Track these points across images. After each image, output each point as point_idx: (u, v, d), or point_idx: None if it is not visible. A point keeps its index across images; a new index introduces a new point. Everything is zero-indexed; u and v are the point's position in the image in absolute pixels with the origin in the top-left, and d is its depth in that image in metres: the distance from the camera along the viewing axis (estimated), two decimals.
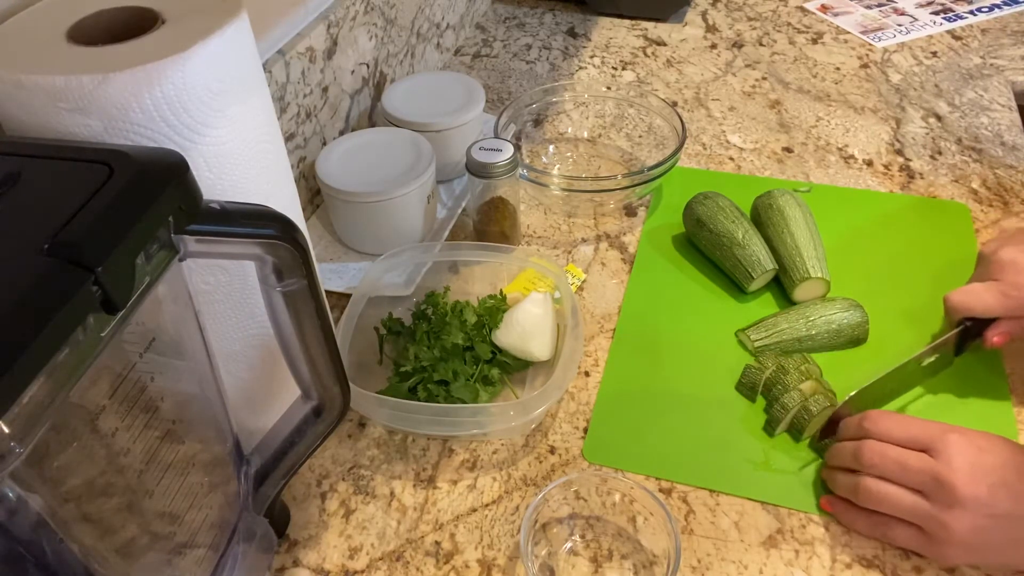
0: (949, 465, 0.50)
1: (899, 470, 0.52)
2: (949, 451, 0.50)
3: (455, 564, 0.55)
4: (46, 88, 0.38)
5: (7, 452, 0.29)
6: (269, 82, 0.71)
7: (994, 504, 0.49)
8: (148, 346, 0.38)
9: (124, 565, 0.39)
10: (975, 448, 0.51)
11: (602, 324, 0.72)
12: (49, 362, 0.29)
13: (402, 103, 0.84)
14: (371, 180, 0.74)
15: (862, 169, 0.88)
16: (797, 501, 0.57)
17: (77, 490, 0.36)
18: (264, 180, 0.49)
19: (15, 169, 0.34)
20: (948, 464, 0.50)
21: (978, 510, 0.49)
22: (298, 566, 0.56)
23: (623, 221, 0.83)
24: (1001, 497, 0.49)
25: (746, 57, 1.11)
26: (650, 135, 0.90)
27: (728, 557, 0.54)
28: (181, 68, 0.40)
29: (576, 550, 0.55)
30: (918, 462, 0.51)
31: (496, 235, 0.78)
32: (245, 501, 0.50)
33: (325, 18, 0.80)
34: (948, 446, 0.51)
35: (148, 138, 0.41)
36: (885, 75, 1.05)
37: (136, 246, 0.33)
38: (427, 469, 0.61)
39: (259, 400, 0.56)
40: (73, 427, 0.34)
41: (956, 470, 0.49)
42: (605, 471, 0.60)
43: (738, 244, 0.72)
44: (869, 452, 0.53)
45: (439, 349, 0.65)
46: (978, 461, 0.50)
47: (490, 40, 1.19)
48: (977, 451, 0.50)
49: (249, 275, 0.48)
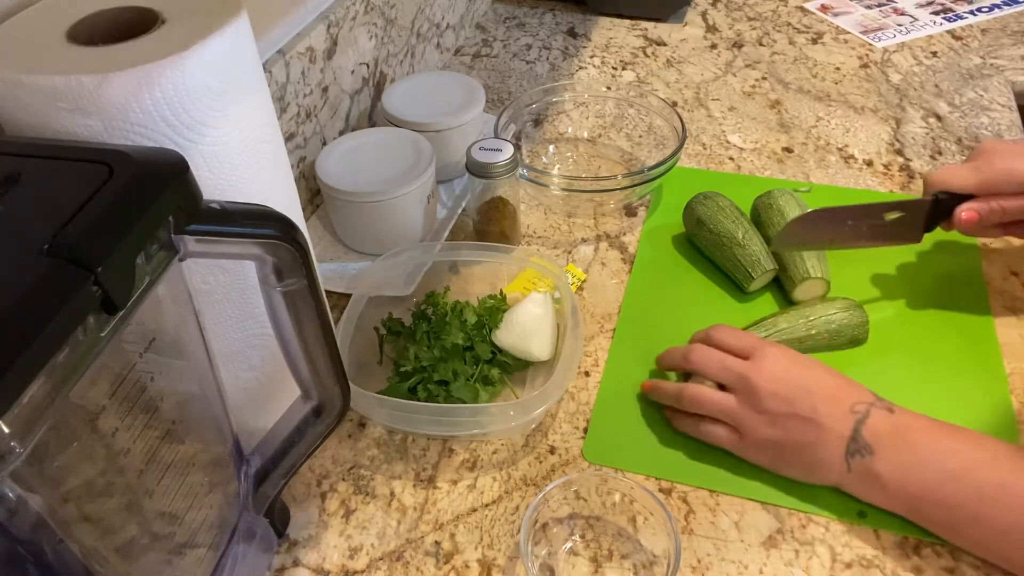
0: (760, 368, 0.56)
1: (718, 368, 0.58)
2: (764, 358, 0.57)
3: (455, 564, 0.55)
4: (46, 88, 0.38)
5: (7, 452, 0.29)
6: (269, 82, 0.71)
7: (791, 405, 0.54)
8: (148, 346, 0.38)
9: (124, 565, 0.39)
10: (788, 359, 0.57)
11: (602, 324, 0.72)
12: (49, 362, 0.29)
13: (402, 103, 0.84)
14: (371, 180, 0.74)
15: (862, 169, 0.88)
16: (797, 501, 0.57)
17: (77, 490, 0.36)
18: (264, 180, 0.49)
19: (15, 169, 0.34)
20: (759, 367, 0.56)
21: (775, 408, 0.55)
22: (298, 566, 0.56)
23: (623, 221, 0.83)
24: (799, 400, 0.54)
25: (746, 57, 1.11)
26: (650, 135, 0.90)
27: (728, 557, 0.54)
28: (181, 68, 0.40)
29: (576, 550, 0.55)
30: (734, 363, 0.58)
31: (496, 235, 0.78)
32: (245, 501, 0.50)
33: (325, 18, 0.80)
34: (765, 355, 0.57)
35: (148, 138, 0.41)
36: (885, 75, 1.05)
37: (136, 246, 0.33)
38: (427, 469, 0.61)
39: (259, 400, 0.56)
40: (73, 427, 0.34)
41: (764, 373, 0.56)
42: (605, 471, 0.60)
43: (738, 244, 0.72)
44: (696, 352, 0.60)
45: (439, 349, 0.65)
46: (786, 369, 0.56)
47: (490, 40, 1.19)
48: (789, 361, 0.57)
49: (249, 275, 0.48)
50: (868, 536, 0.55)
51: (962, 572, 0.53)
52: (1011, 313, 0.70)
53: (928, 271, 0.74)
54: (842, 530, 0.55)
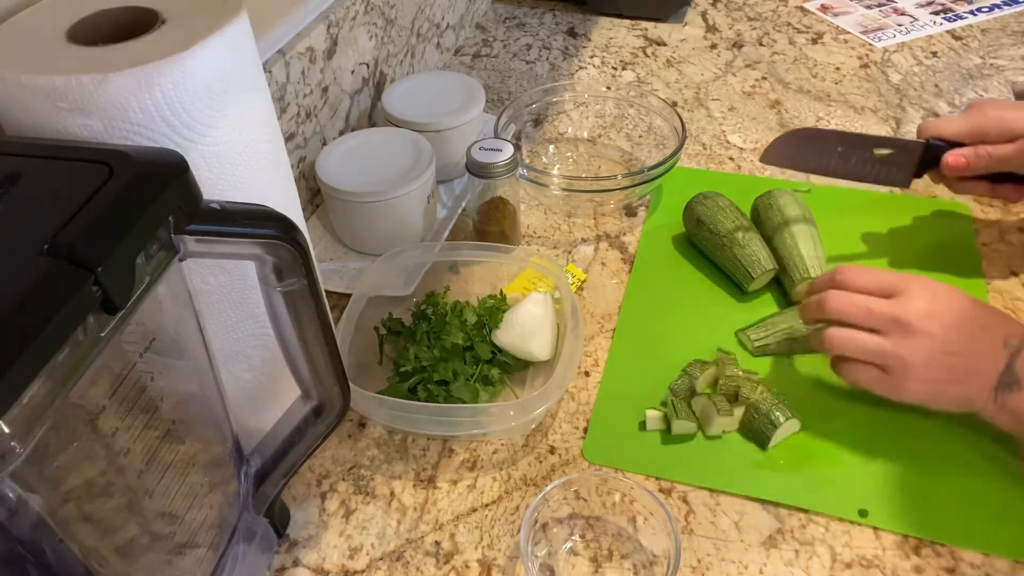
0: (907, 306, 0.55)
1: (863, 313, 0.57)
2: (909, 294, 0.56)
3: (455, 564, 0.55)
4: (46, 88, 0.38)
5: (7, 452, 0.29)
6: (269, 82, 0.71)
7: (946, 342, 0.54)
8: (148, 346, 0.38)
9: (124, 565, 0.39)
10: (931, 292, 0.56)
11: (602, 324, 0.72)
12: (49, 362, 0.29)
13: (402, 103, 0.84)
14: (371, 180, 0.74)
15: None
16: (797, 501, 0.57)
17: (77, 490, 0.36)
18: (264, 180, 0.49)
19: (15, 169, 0.34)
20: (906, 305, 0.55)
21: (931, 346, 0.54)
22: (298, 566, 0.56)
23: (623, 221, 0.83)
24: (952, 336, 0.54)
25: (746, 57, 1.11)
26: (650, 135, 0.90)
27: (728, 557, 0.54)
28: (181, 68, 0.40)
29: (576, 550, 0.55)
30: (878, 304, 0.56)
31: (496, 235, 0.78)
32: (245, 501, 0.50)
33: (325, 18, 0.80)
34: (909, 291, 0.56)
35: (148, 138, 0.41)
36: (885, 75, 1.05)
37: (136, 246, 0.33)
38: (427, 469, 0.61)
39: (259, 400, 0.56)
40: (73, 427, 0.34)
41: (913, 310, 0.55)
42: (605, 471, 0.60)
43: (738, 244, 0.72)
44: (835, 300, 0.58)
45: (439, 349, 0.65)
46: (934, 304, 0.55)
47: (490, 40, 1.19)
48: (933, 294, 0.56)
49: (249, 275, 0.48)
50: (868, 536, 0.55)
51: (962, 572, 0.53)
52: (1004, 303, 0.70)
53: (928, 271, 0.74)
54: (842, 530, 0.55)
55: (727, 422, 0.61)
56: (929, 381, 0.55)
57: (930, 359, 0.54)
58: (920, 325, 0.54)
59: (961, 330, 0.55)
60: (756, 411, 0.60)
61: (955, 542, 0.54)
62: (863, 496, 0.57)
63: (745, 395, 0.61)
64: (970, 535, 0.54)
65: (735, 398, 0.62)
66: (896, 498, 0.57)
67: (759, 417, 0.60)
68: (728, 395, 0.62)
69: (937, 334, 0.54)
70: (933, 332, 0.54)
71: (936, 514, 0.56)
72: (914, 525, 0.55)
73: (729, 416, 0.60)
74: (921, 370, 0.55)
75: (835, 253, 0.74)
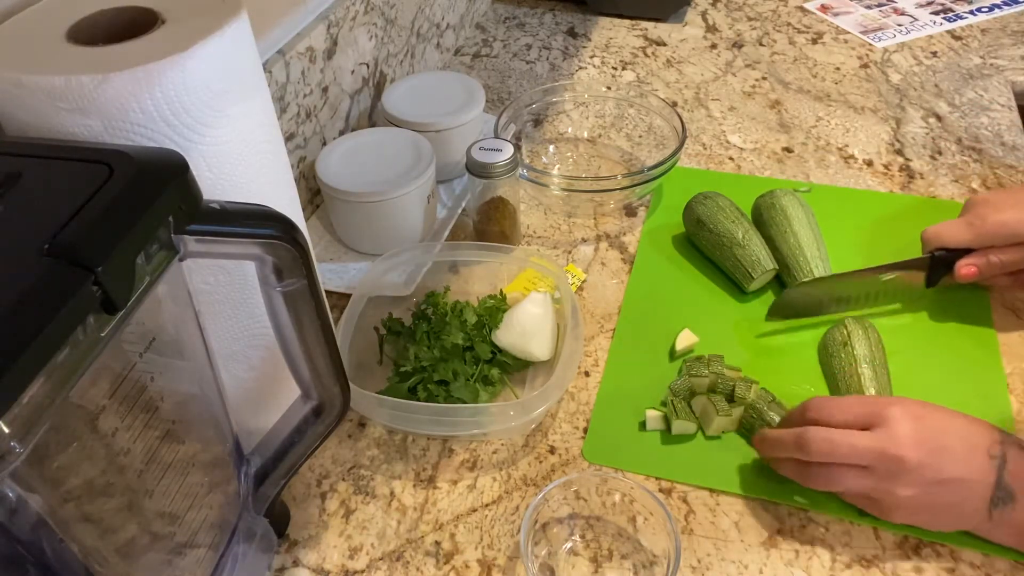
0: (893, 438, 0.51)
1: (847, 452, 0.52)
2: (891, 424, 0.52)
3: (455, 564, 0.55)
4: (46, 88, 0.38)
5: (7, 452, 0.29)
6: (269, 82, 0.71)
7: (938, 470, 0.51)
8: (148, 346, 0.38)
9: (124, 565, 0.39)
10: (912, 416, 0.52)
11: (602, 324, 0.72)
12: (49, 362, 0.29)
13: (402, 103, 0.84)
14: (371, 180, 0.74)
15: (862, 169, 0.88)
16: (797, 501, 0.57)
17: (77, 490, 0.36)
18: (264, 180, 0.49)
19: (15, 169, 0.34)
20: (892, 437, 0.52)
21: (923, 475, 0.51)
22: (298, 566, 0.56)
23: (623, 221, 0.83)
24: (943, 463, 0.51)
25: (746, 57, 1.11)
26: (650, 135, 0.90)
27: (728, 557, 0.54)
28: (181, 68, 0.40)
29: (576, 550, 0.55)
30: (863, 440, 0.52)
31: (496, 235, 0.78)
32: (245, 501, 0.50)
33: (325, 18, 0.80)
34: (889, 418, 0.52)
35: (148, 138, 0.41)
36: (885, 75, 1.05)
37: (136, 246, 0.33)
38: (427, 469, 0.61)
39: (259, 400, 0.56)
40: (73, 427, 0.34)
41: (900, 441, 0.51)
42: (605, 471, 0.60)
43: (738, 244, 0.72)
44: (816, 439, 0.53)
45: (439, 349, 0.65)
46: (918, 428, 0.52)
47: (490, 40, 1.19)
48: (915, 419, 0.52)
49: (249, 275, 0.48)
50: (868, 536, 0.55)
51: (962, 572, 0.53)
52: (1011, 313, 0.70)
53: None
54: (842, 530, 0.55)
55: (726, 422, 0.61)
56: (920, 510, 0.53)
57: (921, 491, 0.52)
58: (909, 456, 0.51)
59: (951, 453, 0.51)
60: (753, 411, 0.60)
61: (955, 542, 0.54)
62: None
63: (740, 395, 0.61)
64: (970, 535, 0.54)
65: (731, 399, 0.62)
66: None
67: (756, 418, 0.60)
68: (725, 395, 0.62)
69: (927, 464, 0.51)
70: (923, 462, 0.51)
71: None
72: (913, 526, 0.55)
73: (728, 416, 0.60)
74: (913, 502, 0.52)
75: (835, 253, 0.74)
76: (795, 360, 0.67)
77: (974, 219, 0.65)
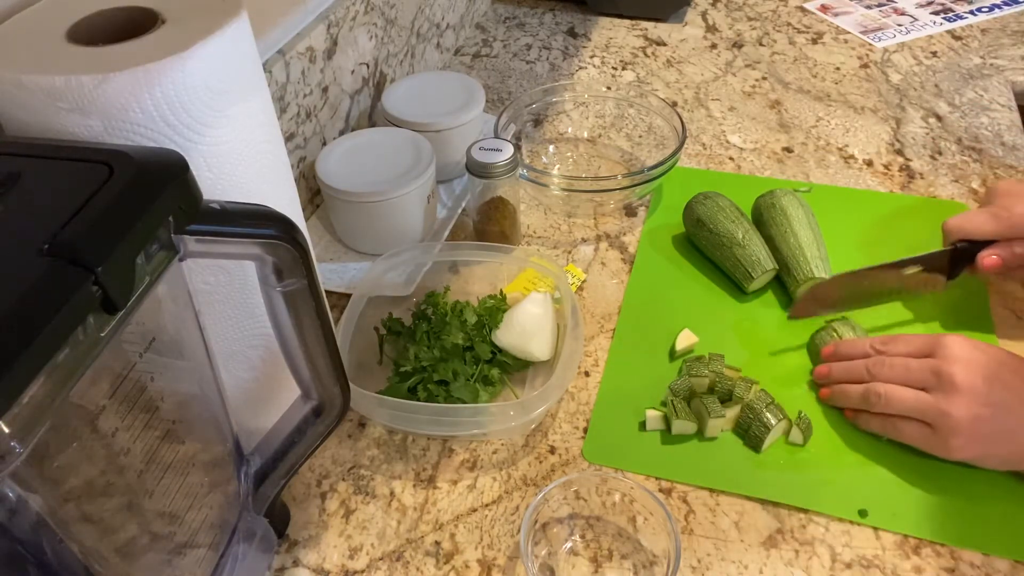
0: (947, 360, 0.55)
1: (904, 371, 0.57)
2: (948, 349, 0.56)
3: (455, 564, 0.55)
4: (46, 88, 0.38)
5: (7, 452, 0.29)
6: (269, 82, 0.71)
7: (989, 393, 0.54)
8: (148, 346, 0.38)
9: (124, 565, 0.39)
10: (971, 346, 0.56)
11: (602, 324, 0.72)
12: (49, 362, 0.29)
13: (402, 103, 0.84)
14: (371, 180, 0.74)
15: (862, 169, 0.88)
16: (797, 501, 0.57)
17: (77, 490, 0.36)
18: (264, 180, 0.49)
19: (15, 169, 0.34)
20: (947, 359, 0.56)
21: (975, 398, 0.54)
22: (298, 566, 0.56)
23: (623, 221, 0.83)
24: (996, 388, 0.54)
25: (746, 57, 1.11)
26: (650, 135, 0.90)
27: (728, 557, 0.54)
28: (181, 68, 0.40)
29: (576, 550, 0.55)
30: (920, 362, 0.57)
31: (496, 235, 0.78)
32: (245, 501, 0.50)
33: (325, 18, 0.80)
34: (947, 345, 0.56)
35: (148, 138, 0.41)
36: (885, 75, 1.05)
37: (136, 246, 0.33)
38: (427, 469, 0.61)
39: (259, 400, 0.56)
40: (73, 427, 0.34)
41: (954, 363, 0.55)
42: (605, 471, 0.60)
43: (738, 244, 0.72)
44: (878, 364, 0.59)
45: (439, 349, 0.65)
46: (974, 357, 0.55)
47: (490, 40, 1.19)
48: (972, 348, 0.56)
49: (249, 275, 0.48)
50: (868, 536, 0.55)
51: (962, 572, 0.53)
52: (1012, 314, 0.70)
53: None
54: (842, 530, 0.55)
55: (720, 423, 0.61)
56: (976, 438, 0.54)
57: (974, 412, 0.54)
58: (963, 377, 0.54)
59: (1004, 383, 0.54)
60: (750, 411, 0.60)
61: (955, 542, 0.54)
62: (863, 496, 0.57)
63: (739, 395, 0.61)
64: (970, 535, 0.54)
65: (729, 398, 0.62)
66: (896, 498, 0.57)
67: (753, 419, 0.60)
68: (722, 396, 0.62)
69: (980, 387, 0.54)
70: (976, 385, 0.54)
71: (936, 514, 0.56)
72: (914, 525, 0.55)
73: (721, 418, 0.60)
74: (967, 426, 0.54)
75: (835, 253, 0.74)
76: (796, 360, 0.67)
77: (1000, 211, 0.64)
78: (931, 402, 0.55)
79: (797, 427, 0.60)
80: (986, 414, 0.54)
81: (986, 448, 0.55)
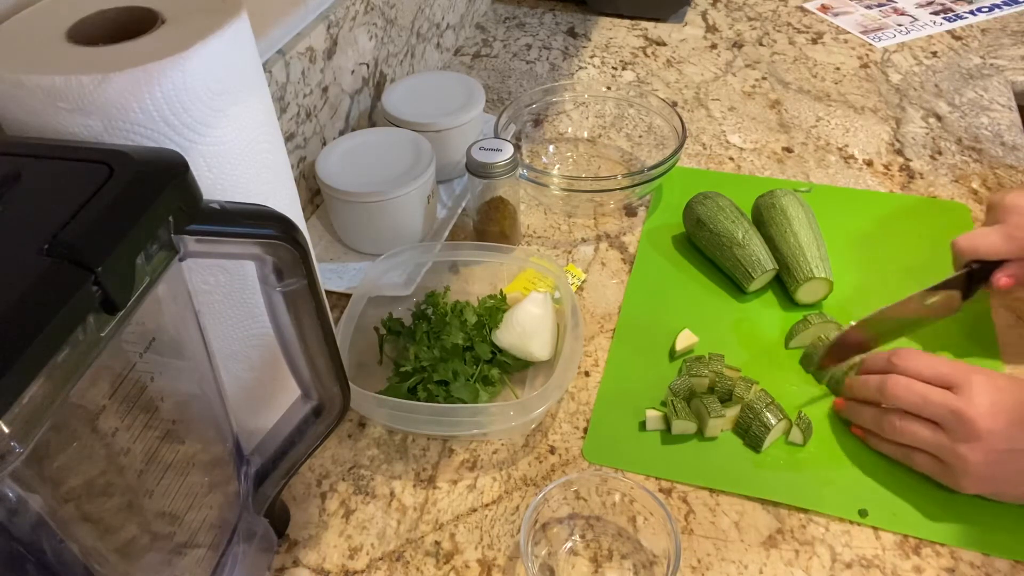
0: (971, 401, 0.53)
1: (921, 403, 0.55)
2: (972, 389, 0.54)
3: (455, 564, 0.55)
4: (46, 88, 0.38)
5: (7, 452, 0.29)
6: (269, 82, 0.71)
7: (1010, 438, 0.52)
8: (148, 346, 0.38)
9: (124, 565, 0.39)
10: (995, 387, 0.54)
11: (602, 324, 0.72)
12: (49, 362, 0.29)
13: (402, 103, 0.84)
14: (371, 180, 0.74)
15: (862, 169, 0.88)
16: (797, 500, 0.57)
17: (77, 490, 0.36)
18: (264, 180, 0.49)
19: (15, 169, 0.34)
20: (969, 400, 0.53)
21: (994, 444, 0.52)
22: (298, 566, 0.56)
23: (623, 221, 0.83)
24: (1015, 431, 0.52)
25: (746, 57, 1.11)
26: (650, 135, 0.90)
27: (728, 557, 0.54)
28: (181, 68, 0.40)
29: (576, 550, 0.55)
30: (940, 396, 0.54)
31: (496, 235, 0.78)
32: (245, 501, 0.50)
33: (325, 18, 0.80)
34: (971, 385, 0.54)
35: (148, 138, 0.41)
36: (885, 75, 1.05)
37: (136, 246, 0.33)
38: (427, 469, 0.61)
39: (259, 400, 0.56)
40: (73, 427, 0.34)
41: (977, 406, 0.53)
42: (605, 471, 0.60)
43: (738, 244, 0.72)
44: (894, 385, 0.57)
45: (439, 349, 0.65)
46: (998, 399, 0.53)
47: (490, 40, 1.19)
48: (997, 390, 0.54)
49: (249, 275, 0.48)
50: (868, 536, 0.55)
51: (962, 572, 0.53)
52: (1012, 314, 0.70)
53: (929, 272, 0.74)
54: (842, 530, 0.55)
55: (720, 423, 0.61)
56: (990, 480, 0.54)
57: (992, 459, 0.52)
58: (984, 423, 0.52)
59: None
60: (750, 411, 0.60)
61: (955, 542, 0.54)
62: (863, 496, 0.57)
63: (739, 395, 0.61)
64: (970, 535, 0.54)
65: (729, 398, 0.62)
66: (896, 498, 0.57)
67: (753, 418, 0.60)
68: (722, 396, 0.62)
69: (1001, 431, 0.52)
70: (998, 430, 0.52)
71: (936, 514, 0.56)
72: (914, 525, 0.55)
73: (721, 418, 0.60)
74: (982, 469, 0.53)
75: (835, 253, 0.74)
76: (796, 360, 0.67)
77: (1014, 230, 0.62)
78: (947, 444, 0.54)
79: (797, 427, 0.60)
80: (1003, 458, 0.52)
81: (999, 487, 0.54)
